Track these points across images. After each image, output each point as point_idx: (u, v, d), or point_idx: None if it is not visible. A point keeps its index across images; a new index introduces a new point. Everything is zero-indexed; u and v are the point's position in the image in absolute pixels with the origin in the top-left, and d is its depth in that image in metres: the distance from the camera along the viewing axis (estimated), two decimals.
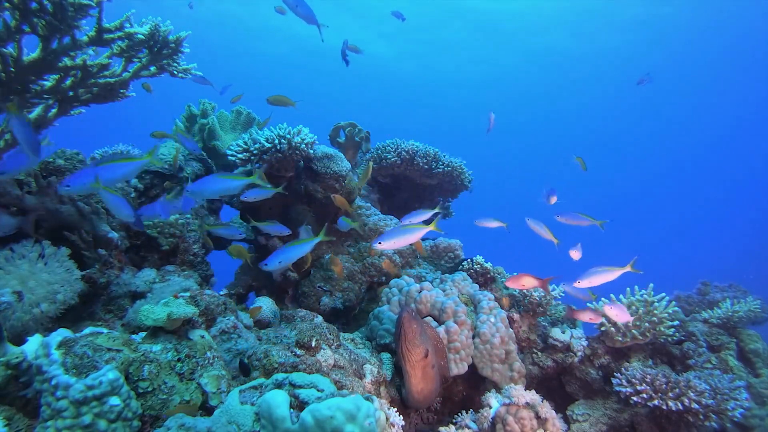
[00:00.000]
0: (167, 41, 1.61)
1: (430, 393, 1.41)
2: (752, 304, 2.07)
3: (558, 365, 1.84)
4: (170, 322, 1.05)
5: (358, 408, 0.81)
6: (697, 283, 2.61)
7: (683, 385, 1.52)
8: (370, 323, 1.72)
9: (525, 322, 1.91)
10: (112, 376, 0.86)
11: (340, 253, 2.13)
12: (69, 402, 0.82)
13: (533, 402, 1.35)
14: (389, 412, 1.16)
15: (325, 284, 2.01)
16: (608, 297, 1.85)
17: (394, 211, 2.76)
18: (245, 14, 11.54)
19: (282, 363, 1.20)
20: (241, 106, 2.83)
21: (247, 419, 0.88)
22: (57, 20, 1.32)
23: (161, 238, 1.88)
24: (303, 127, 1.96)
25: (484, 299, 1.77)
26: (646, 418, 1.63)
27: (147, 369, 0.98)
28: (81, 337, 0.97)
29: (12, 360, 0.93)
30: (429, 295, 1.73)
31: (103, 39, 1.48)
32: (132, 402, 0.90)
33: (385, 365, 1.49)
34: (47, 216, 1.48)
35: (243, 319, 1.62)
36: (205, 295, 1.45)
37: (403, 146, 2.66)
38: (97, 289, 1.53)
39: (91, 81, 1.55)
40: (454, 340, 1.57)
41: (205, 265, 2.11)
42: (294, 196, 2.08)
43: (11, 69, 1.37)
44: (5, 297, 1.21)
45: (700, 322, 2.12)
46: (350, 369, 1.34)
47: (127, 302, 1.56)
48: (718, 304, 2.18)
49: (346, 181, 2.07)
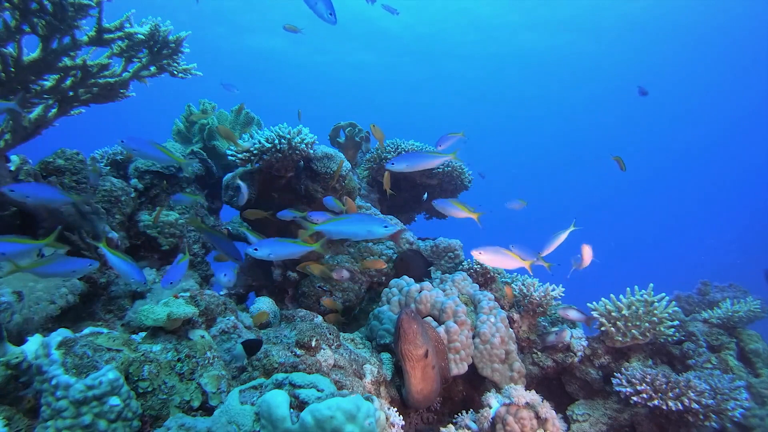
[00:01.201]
0: (167, 41, 1.61)
1: (431, 393, 1.41)
2: (752, 304, 2.07)
3: (558, 365, 1.84)
4: (170, 322, 1.05)
5: (358, 408, 0.82)
6: (697, 283, 2.61)
7: (683, 385, 1.52)
8: (370, 323, 1.72)
9: (525, 322, 1.91)
10: (112, 376, 0.86)
11: (340, 253, 2.13)
12: (69, 402, 0.82)
13: (533, 402, 1.35)
14: (389, 412, 1.16)
15: (325, 284, 2.01)
16: (608, 297, 1.85)
17: (394, 211, 2.77)
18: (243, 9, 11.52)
19: (282, 363, 1.20)
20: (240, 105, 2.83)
21: (247, 419, 0.88)
22: (57, 20, 1.32)
23: (161, 238, 1.88)
24: (303, 127, 1.96)
25: (484, 299, 1.77)
26: (646, 418, 1.63)
27: (147, 369, 0.98)
28: (81, 337, 0.97)
29: (12, 360, 0.93)
30: (429, 295, 1.73)
31: (103, 39, 1.48)
32: (132, 402, 0.90)
33: (385, 365, 1.49)
34: (47, 216, 1.48)
35: (243, 319, 1.62)
36: (205, 295, 1.45)
37: (403, 146, 2.66)
38: (97, 289, 1.53)
39: (91, 81, 1.55)
40: (454, 340, 1.57)
41: (205, 265, 2.11)
42: (294, 196, 2.08)
43: (11, 69, 1.37)
44: (5, 297, 1.21)
45: (700, 322, 2.12)
46: (350, 369, 1.34)
47: (127, 302, 1.56)
48: (718, 304, 2.18)
49: (346, 181, 2.07)
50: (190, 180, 2.20)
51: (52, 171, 1.60)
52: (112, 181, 1.80)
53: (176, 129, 2.68)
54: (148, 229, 1.87)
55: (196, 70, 1.75)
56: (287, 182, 2.05)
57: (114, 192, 1.77)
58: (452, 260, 2.30)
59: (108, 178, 1.81)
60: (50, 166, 1.60)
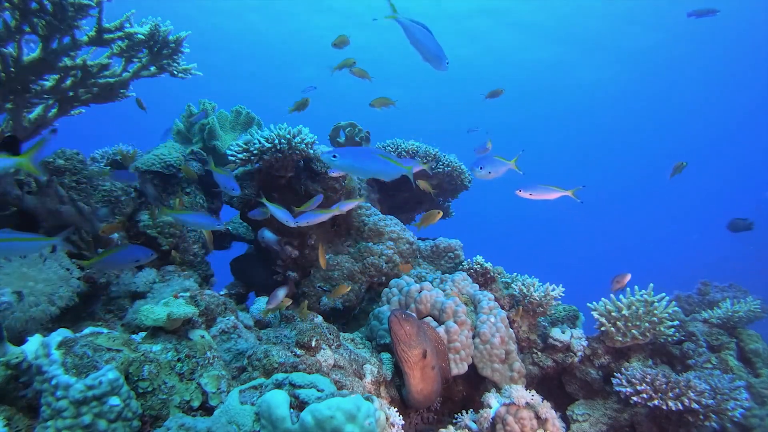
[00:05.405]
0: (167, 41, 1.61)
1: (431, 393, 1.41)
2: (752, 304, 2.07)
3: (558, 365, 1.84)
4: (170, 322, 1.05)
5: (358, 408, 0.82)
6: (697, 283, 2.61)
7: (683, 385, 1.52)
8: (370, 323, 1.72)
9: (525, 322, 1.91)
10: (112, 376, 0.86)
11: (340, 253, 2.13)
12: (69, 402, 0.82)
13: (533, 402, 1.35)
14: (389, 412, 1.16)
15: (325, 284, 2.01)
16: (608, 297, 1.85)
17: (394, 211, 2.76)
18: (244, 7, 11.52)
19: (282, 363, 1.20)
20: (240, 105, 2.83)
21: (247, 419, 0.88)
22: (57, 20, 1.32)
23: (161, 238, 1.88)
24: (303, 127, 1.96)
25: (484, 299, 1.77)
26: (646, 418, 1.63)
27: (147, 369, 0.98)
28: (81, 337, 0.97)
29: (12, 360, 0.93)
30: (429, 295, 1.73)
31: (103, 39, 1.48)
32: (132, 402, 0.90)
33: (386, 365, 1.49)
34: (47, 216, 1.48)
35: (243, 319, 1.62)
36: (205, 295, 1.45)
37: (403, 146, 2.66)
38: (97, 289, 1.53)
39: (91, 81, 1.55)
40: (454, 340, 1.57)
41: (205, 265, 2.11)
42: (294, 196, 2.08)
43: (11, 69, 1.37)
44: (5, 297, 1.21)
45: (700, 322, 2.12)
46: (350, 369, 1.34)
47: (127, 302, 1.56)
48: (718, 304, 2.17)
49: (346, 181, 2.07)
50: (190, 180, 2.20)
51: (52, 171, 1.60)
52: (112, 181, 1.80)
53: (176, 129, 2.68)
54: (148, 229, 1.87)
55: (196, 70, 1.75)
56: (287, 182, 2.06)
57: (114, 192, 1.77)
58: (452, 260, 2.30)
59: (108, 178, 1.81)
60: (50, 166, 1.60)
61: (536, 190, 1.66)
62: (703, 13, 4.53)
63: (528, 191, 1.65)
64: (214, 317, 1.45)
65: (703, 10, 4.53)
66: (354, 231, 2.22)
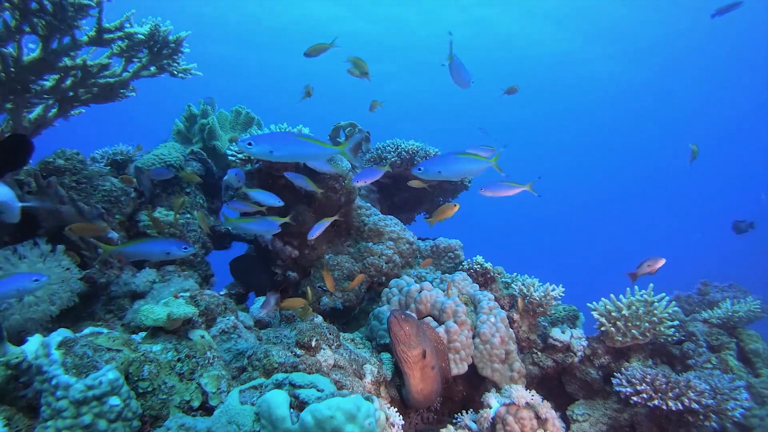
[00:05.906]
0: (167, 41, 1.61)
1: (431, 393, 1.41)
2: (752, 304, 2.07)
3: (558, 365, 1.84)
4: (170, 322, 1.05)
5: (358, 408, 0.82)
6: (697, 283, 2.60)
7: (683, 385, 1.52)
8: (370, 323, 1.72)
9: (525, 322, 1.91)
10: (112, 376, 0.86)
11: (340, 253, 2.13)
12: (69, 402, 0.82)
13: (533, 402, 1.35)
14: (389, 412, 1.16)
15: (325, 284, 2.01)
16: (608, 297, 1.85)
17: (394, 211, 2.76)
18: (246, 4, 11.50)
19: (282, 363, 1.20)
20: (240, 105, 2.83)
21: (247, 419, 0.88)
22: (57, 20, 1.32)
23: None
24: (303, 126, 1.96)
25: (484, 299, 1.77)
26: (646, 418, 1.63)
27: (147, 369, 0.98)
28: (81, 337, 0.97)
29: (12, 360, 0.93)
30: (429, 295, 1.73)
31: (103, 39, 1.48)
32: (132, 402, 0.90)
33: (386, 365, 1.49)
34: (47, 216, 1.48)
35: (243, 319, 1.62)
36: (205, 295, 1.45)
37: (403, 146, 2.66)
38: (97, 289, 1.53)
39: (91, 81, 1.55)
40: (454, 340, 1.57)
41: (205, 265, 2.11)
42: (294, 196, 2.08)
43: (11, 69, 1.37)
44: None
45: (700, 322, 2.12)
46: (350, 369, 1.34)
47: (127, 302, 1.56)
48: (718, 304, 2.17)
49: (346, 181, 2.07)
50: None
51: (52, 171, 1.60)
52: (112, 181, 1.80)
53: (176, 129, 2.68)
54: (148, 230, 1.87)
55: (196, 70, 1.76)
56: (287, 182, 2.05)
57: (114, 192, 1.77)
58: (452, 260, 2.30)
59: (108, 178, 1.81)
60: (50, 166, 1.60)
61: (498, 188, 1.67)
62: (728, 9, 4.34)
63: (491, 190, 1.64)
64: (214, 317, 1.45)
65: (725, 7, 4.34)
66: (354, 231, 2.22)
